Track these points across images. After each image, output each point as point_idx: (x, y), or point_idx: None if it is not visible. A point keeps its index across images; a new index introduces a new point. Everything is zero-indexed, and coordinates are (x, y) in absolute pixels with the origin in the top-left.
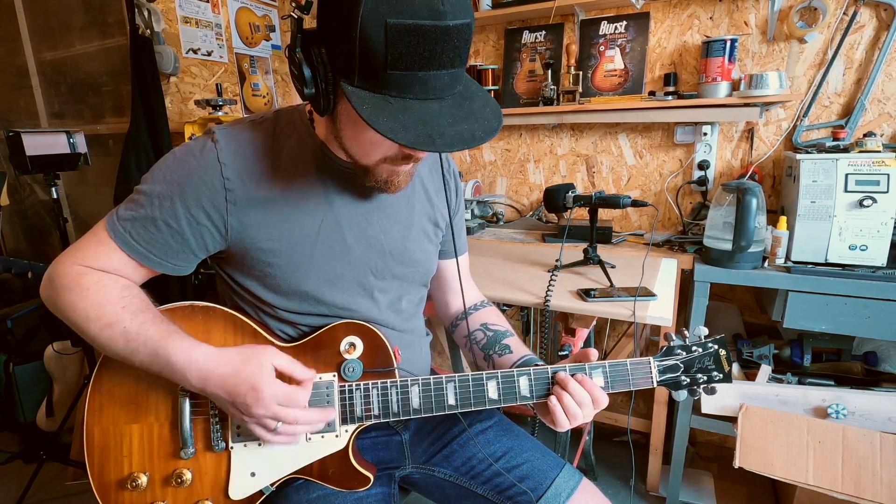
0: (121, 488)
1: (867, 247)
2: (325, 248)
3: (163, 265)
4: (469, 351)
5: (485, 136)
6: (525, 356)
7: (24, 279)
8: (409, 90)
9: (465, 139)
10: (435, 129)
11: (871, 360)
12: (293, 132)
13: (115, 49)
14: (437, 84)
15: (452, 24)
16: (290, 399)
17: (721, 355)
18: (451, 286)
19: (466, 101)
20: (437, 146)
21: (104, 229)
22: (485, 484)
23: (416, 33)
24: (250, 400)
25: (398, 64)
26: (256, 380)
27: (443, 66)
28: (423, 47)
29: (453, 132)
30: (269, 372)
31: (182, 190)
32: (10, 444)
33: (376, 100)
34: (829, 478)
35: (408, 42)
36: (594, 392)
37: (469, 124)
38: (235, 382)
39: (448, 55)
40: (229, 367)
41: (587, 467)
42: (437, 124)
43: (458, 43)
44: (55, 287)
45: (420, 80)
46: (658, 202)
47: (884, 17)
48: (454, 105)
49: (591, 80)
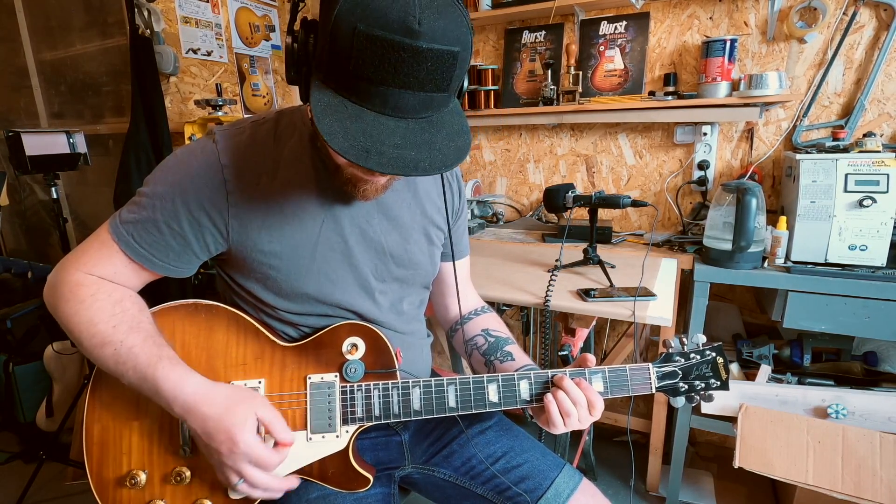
0: (119, 486)
1: (867, 247)
2: (325, 250)
3: (165, 268)
4: (468, 356)
5: (430, 169)
6: (527, 365)
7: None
8: (368, 100)
9: (403, 165)
10: (375, 145)
11: (870, 360)
12: (294, 133)
13: (115, 49)
14: (398, 103)
15: (426, 46)
16: (262, 462)
17: (719, 363)
18: (451, 290)
19: (431, 129)
20: (368, 162)
21: (107, 232)
22: (485, 484)
23: (382, 46)
24: (224, 449)
25: (361, 72)
26: (236, 432)
27: (408, 86)
28: (387, 62)
29: (395, 154)
30: (250, 427)
31: (183, 191)
32: (9, 444)
33: (335, 101)
34: (829, 478)
35: (372, 53)
36: (589, 393)
37: (418, 152)
38: (216, 427)
39: (417, 77)
40: (213, 408)
41: (587, 467)
42: (380, 141)
43: (432, 67)
44: (55, 296)
45: (380, 93)
46: (658, 202)
47: (883, 17)
48: (414, 129)
49: (590, 80)
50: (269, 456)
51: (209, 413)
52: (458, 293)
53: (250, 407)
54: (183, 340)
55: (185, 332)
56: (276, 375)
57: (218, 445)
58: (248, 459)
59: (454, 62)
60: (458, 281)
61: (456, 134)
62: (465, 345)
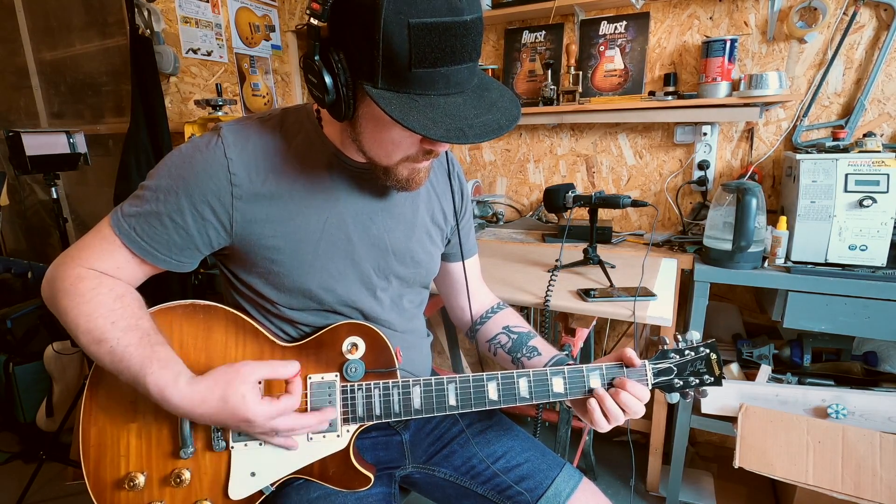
0: (117, 488)
1: (867, 247)
2: (328, 246)
3: (167, 262)
4: (492, 355)
5: (509, 124)
6: (555, 356)
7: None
8: (432, 87)
9: (492, 128)
10: (463, 122)
11: (870, 360)
12: (300, 130)
13: (115, 49)
14: (458, 78)
15: (469, 18)
16: (282, 411)
17: (712, 359)
18: (465, 291)
19: (485, 92)
20: (468, 137)
21: (108, 226)
22: (485, 484)
23: (438, 30)
24: (244, 427)
25: (422, 62)
26: (242, 411)
27: (462, 60)
28: (445, 43)
29: (480, 123)
30: (252, 398)
31: (187, 185)
32: (9, 444)
33: (402, 99)
34: (829, 478)
35: (430, 40)
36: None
37: (493, 114)
38: (224, 418)
39: (467, 49)
40: (209, 406)
41: (587, 467)
42: (464, 117)
43: (474, 36)
44: (54, 289)
45: (443, 75)
46: (658, 202)
47: (884, 17)
48: (475, 97)
49: (590, 80)
50: (284, 402)
51: (209, 411)
52: (469, 292)
53: (240, 382)
54: (181, 341)
55: (183, 333)
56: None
57: (237, 427)
58: (269, 419)
59: (482, 26)
60: (468, 280)
61: (500, 89)
62: (489, 344)
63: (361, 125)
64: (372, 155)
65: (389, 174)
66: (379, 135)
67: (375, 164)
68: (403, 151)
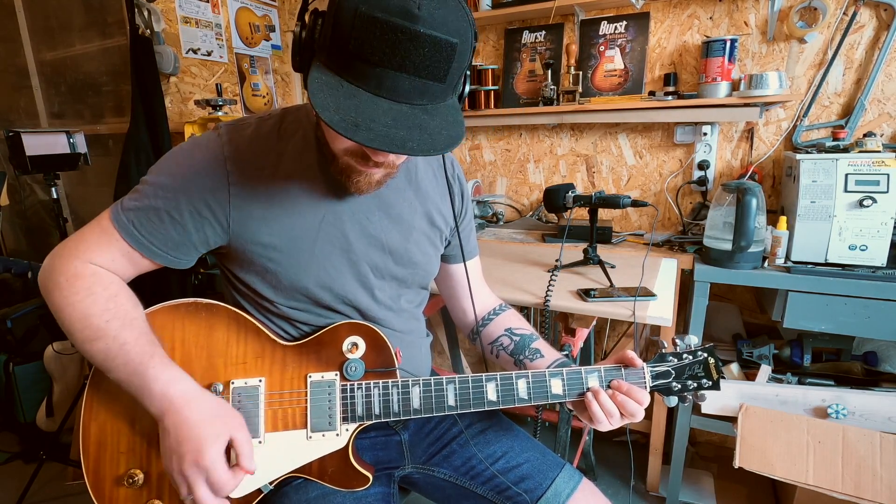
0: (117, 485)
1: (867, 247)
2: (325, 244)
3: (164, 258)
4: (494, 357)
5: (417, 150)
6: (558, 359)
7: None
8: (364, 82)
9: (392, 143)
10: (365, 122)
11: (871, 360)
12: (298, 129)
13: (115, 49)
14: (394, 85)
15: (424, 31)
16: (218, 483)
17: (710, 363)
18: (467, 293)
19: (423, 116)
20: (356, 136)
21: (108, 219)
22: (484, 484)
23: (381, 27)
24: (188, 458)
25: (359, 53)
26: (207, 445)
27: (404, 69)
28: (385, 43)
29: (384, 132)
30: (221, 444)
31: (186, 182)
32: (10, 444)
33: (332, 80)
34: (829, 478)
35: (371, 33)
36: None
37: (408, 133)
38: (189, 433)
39: (413, 61)
40: (196, 414)
41: (587, 467)
42: (371, 118)
43: (429, 53)
44: (50, 282)
45: (377, 75)
46: (658, 202)
47: (884, 17)
48: (406, 113)
49: (591, 80)
50: (226, 480)
51: (190, 417)
52: (472, 293)
53: (229, 426)
54: (183, 339)
55: (185, 331)
56: (276, 374)
57: (184, 452)
58: (205, 475)
59: (452, 52)
60: (470, 281)
61: (450, 124)
62: (491, 346)
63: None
64: (321, 134)
65: (335, 162)
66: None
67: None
68: (343, 141)
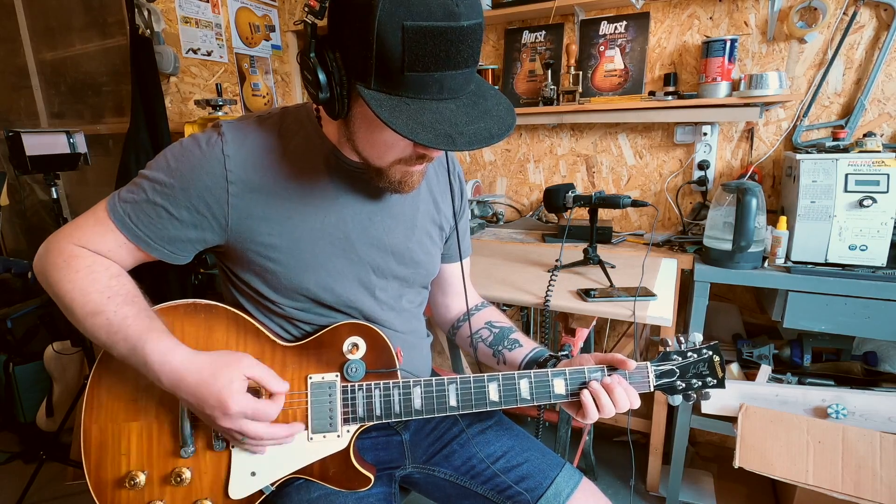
0: (118, 487)
1: (867, 247)
2: (326, 245)
3: (160, 251)
4: (473, 349)
5: (501, 133)
6: (535, 349)
7: (24, 279)
8: (425, 91)
9: (482, 137)
10: (454, 128)
11: (871, 360)
12: (300, 129)
13: (115, 49)
14: (452, 84)
15: (467, 24)
16: (258, 414)
17: (715, 361)
18: (452, 289)
19: (480, 100)
20: (457, 145)
21: (104, 209)
22: (485, 484)
23: (433, 35)
24: (218, 413)
25: (415, 66)
26: (225, 395)
27: (458, 66)
28: (440, 48)
29: (471, 130)
30: (238, 388)
31: (185, 180)
32: (10, 444)
33: (393, 102)
34: (829, 478)
35: (424, 44)
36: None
37: (485, 122)
38: (205, 393)
39: (463, 55)
40: (200, 375)
41: (587, 467)
42: (455, 123)
43: (472, 43)
44: (48, 263)
45: (436, 80)
46: (658, 202)
47: (884, 17)
48: (469, 104)
49: (591, 80)
50: (264, 407)
51: (197, 380)
52: (466, 292)
53: (236, 368)
54: (182, 339)
55: (184, 332)
56: None
57: (211, 411)
58: (244, 416)
59: (482, 32)
60: (465, 280)
61: (497, 97)
62: (471, 338)
63: (355, 125)
64: (365, 155)
65: (382, 175)
66: (372, 136)
67: (369, 164)
68: (396, 154)
